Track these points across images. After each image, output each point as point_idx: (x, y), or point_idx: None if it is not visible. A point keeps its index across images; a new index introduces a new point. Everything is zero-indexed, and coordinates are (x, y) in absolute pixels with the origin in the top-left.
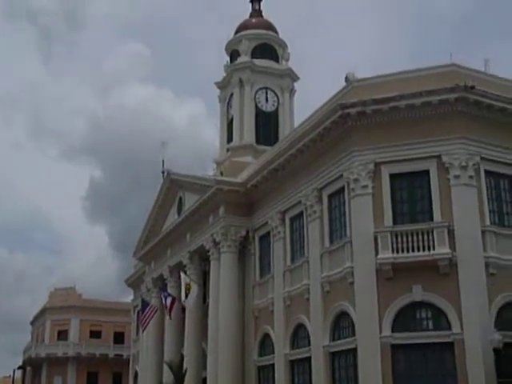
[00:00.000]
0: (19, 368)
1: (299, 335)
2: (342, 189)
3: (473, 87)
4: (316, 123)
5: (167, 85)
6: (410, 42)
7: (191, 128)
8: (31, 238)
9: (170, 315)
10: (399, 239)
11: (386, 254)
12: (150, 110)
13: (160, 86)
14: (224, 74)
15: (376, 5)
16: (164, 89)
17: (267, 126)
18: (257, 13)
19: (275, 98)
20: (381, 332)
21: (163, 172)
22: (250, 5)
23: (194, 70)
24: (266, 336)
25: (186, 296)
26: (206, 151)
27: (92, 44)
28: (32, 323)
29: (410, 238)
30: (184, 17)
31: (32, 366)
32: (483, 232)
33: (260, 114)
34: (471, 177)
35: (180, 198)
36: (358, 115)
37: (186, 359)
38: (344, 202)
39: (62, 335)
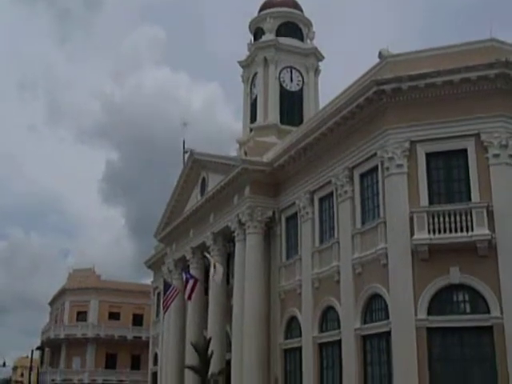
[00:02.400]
0: (37, 349)
1: (328, 318)
2: (376, 168)
3: None
4: (348, 100)
5: (183, 68)
6: (432, 25)
7: (208, 111)
8: (47, 221)
9: (190, 297)
10: (436, 220)
11: (423, 235)
12: (166, 92)
13: (176, 69)
14: (247, 53)
15: None
16: (180, 72)
17: (291, 105)
18: None
19: (300, 78)
20: (416, 315)
21: (186, 152)
22: None
23: (209, 54)
24: (293, 318)
25: (212, 275)
26: (223, 134)
27: (109, 26)
28: (51, 304)
29: (447, 219)
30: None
31: (51, 346)
32: None
33: (284, 94)
34: (511, 156)
35: (203, 179)
36: (393, 92)
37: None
38: (377, 182)
39: (81, 316)
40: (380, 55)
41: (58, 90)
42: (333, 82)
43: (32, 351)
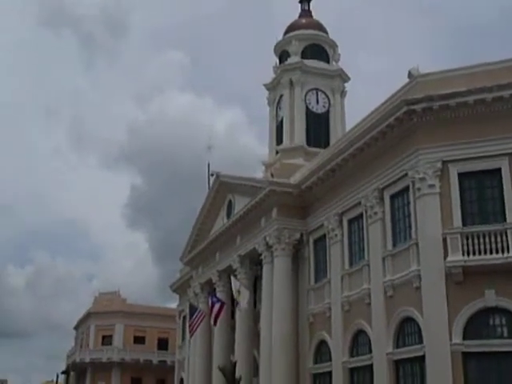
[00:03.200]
0: (63, 373)
1: (359, 342)
2: (406, 189)
3: None
4: (378, 120)
5: (207, 93)
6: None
7: (231, 135)
8: (72, 246)
9: (216, 321)
10: (470, 241)
11: (456, 257)
12: (190, 118)
13: (199, 94)
14: (273, 76)
15: (424, 11)
16: (203, 97)
17: (318, 127)
18: (306, 13)
19: (326, 99)
20: (451, 339)
21: (212, 174)
22: (299, 5)
23: (233, 79)
24: (322, 343)
25: (236, 301)
26: (247, 158)
27: (133, 52)
28: (76, 328)
29: (481, 240)
30: (223, 25)
31: (76, 370)
32: None
33: (310, 116)
34: None
35: (229, 201)
36: (424, 111)
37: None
38: (408, 203)
39: (106, 340)
40: (410, 75)
41: (82, 115)
42: (359, 104)
43: (57, 375)
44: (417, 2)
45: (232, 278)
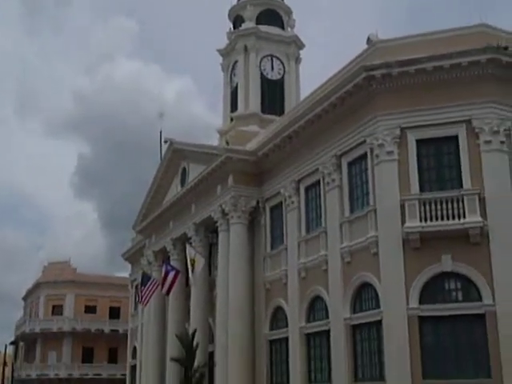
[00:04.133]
0: (11, 343)
1: (316, 308)
2: (365, 155)
3: (506, 48)
4: (337, 87)
5: (155, 61)
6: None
7: (181, 104)
8: (18, 216)
9: (168, 290)
10: (427, 207)
11: (414, 223)
12: (138, 85)
13: (148, 61)
14: (227, 41)
15: None
16: (152, 65)
17: (273, 94)
18: None
19: (281, 66)
20: (408, 304)
21: (165, 141)
22: None
23: (182, 47)
24: (279, 309)
25: (191, 269)
26: (197, 127)
27: (79, 18)
28: (25, 298)
29: (438, 206)
30: None
31: (25, 341)
32: None
33: (265, 82)
34: (502, 142)
35: (184, 169)
36: (383, 78)
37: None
38: (366, 169)
39: (57, 310)
40: (368, 41)
41: (27, 82)
42: (313, 72)
43: (5, 346)
44: None
45: (187, 245)
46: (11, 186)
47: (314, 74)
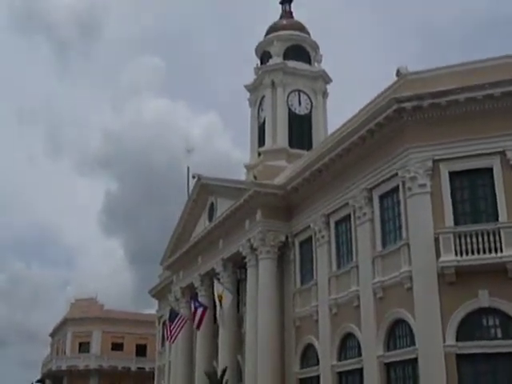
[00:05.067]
0: (38, 382)
1: (348, 345)
2: (396, 188)
3: None
4: (366, 119)
5: (182, 98)
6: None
7: (207, 140)
8: (46, 253)
9: (198, 326)
10: (462, 241)
11: (449, 257)
12: (166, 122)
13: (175, 98)
14: (254, 77)
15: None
16: (179, 101)
17: (300, 129)
18: (287, 14)
19: (308, 101)
20: (444, 341)
21: (193, 177)
22: (280, 6)
23: (208, 83)
24: (309, 346)
25: (218, 305)
26: (223, 162)
27: (107, 57)
28: (52, 335)
29: (474, 240)
30: (197, 30)
31: (52, 379)
32: None
33: (293, 117)
34: None
35: (211, 204)
36: (414, 110)
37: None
38: (398, 203)
39: (84, 347)
40: (398, 73)
41: (57, 120)
42: (340, 106)
43: None
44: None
45: (215, 281)
46: (40, 223)
47: (341, 107)
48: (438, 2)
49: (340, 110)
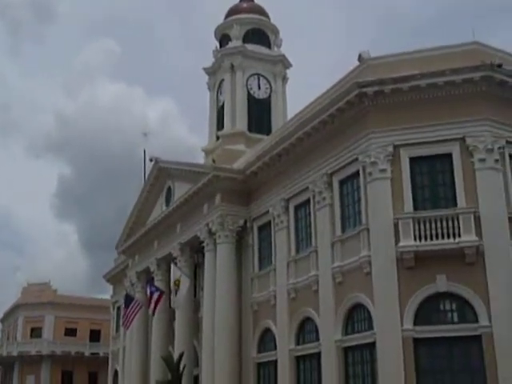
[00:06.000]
0: None
1: (306, 329)
2: (357, 173)
3: (500, 65)
4: (328, 104)
5: (137, 82)
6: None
7: (163, 125)
8: None
9: (154, 311)
10: (421, 226)
11: (408, 242)
12: (121, 106)
13: (130, 83)
14: (213, 60)
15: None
16: (134, 86)
17: (259, 113)
18: None
19: (267, 85)
20: (402, 325)
21: (151, 160)
22: None
23: (164, 68)
24: (267, 331)
25: (174, 290)
26: (180, 147)
27: (62, 40)
28: (2, 321)
29: (433, 225)
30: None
31: (2, 364)
32: (510, 218)
33: (252, 101)
34: (497, 160)
35: (169, 188)
36: (376, 95)
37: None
38: (358, 188)
39: (36, 332)
40: (360, 58)
41: (8, 102)
42: (301, 92)
43: None
44: None
45: (172, 266)
46: None
47: (300, 93)
48: None
49: (300, 95)
